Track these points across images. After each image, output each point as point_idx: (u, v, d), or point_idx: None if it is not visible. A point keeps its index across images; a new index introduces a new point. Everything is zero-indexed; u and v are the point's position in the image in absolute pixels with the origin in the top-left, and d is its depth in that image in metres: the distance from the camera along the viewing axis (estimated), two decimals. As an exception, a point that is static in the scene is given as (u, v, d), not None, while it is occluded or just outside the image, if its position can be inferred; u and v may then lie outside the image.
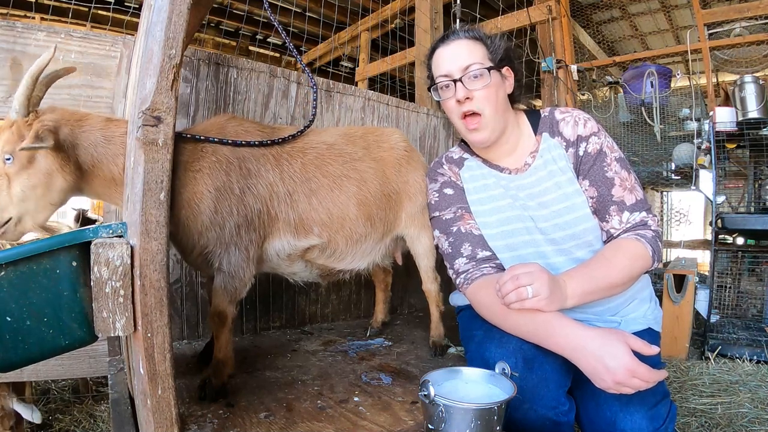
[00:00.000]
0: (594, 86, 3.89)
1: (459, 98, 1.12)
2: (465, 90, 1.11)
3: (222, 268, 1.14)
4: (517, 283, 0.90)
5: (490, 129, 1.13)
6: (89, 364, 1.49)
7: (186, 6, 0.83)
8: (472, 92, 1.11)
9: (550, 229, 1.12)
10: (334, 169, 1.33)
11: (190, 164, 1.10)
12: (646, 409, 0.96)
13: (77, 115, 1.08)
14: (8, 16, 3.46)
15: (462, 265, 1.15)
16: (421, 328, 1.82)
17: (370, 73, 4.54)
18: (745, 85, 3.00)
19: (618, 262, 1.01)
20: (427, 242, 1.51)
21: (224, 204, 1.12)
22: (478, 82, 1.11)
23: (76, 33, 1.43)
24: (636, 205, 1.10)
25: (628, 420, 0.96)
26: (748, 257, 3.33)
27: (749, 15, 3.28)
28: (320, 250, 1.32)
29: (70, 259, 0.81)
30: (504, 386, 0.86)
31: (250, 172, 1.18)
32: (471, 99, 1.11)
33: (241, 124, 1.26)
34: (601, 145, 1.13)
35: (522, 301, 0.90)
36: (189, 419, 0.98)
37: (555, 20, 3.39)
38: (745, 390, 2.23)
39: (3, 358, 0.79)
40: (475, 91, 1.11)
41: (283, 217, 1.24)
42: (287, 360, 1.41)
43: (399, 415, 1.02)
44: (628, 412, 0.96)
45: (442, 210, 1.23)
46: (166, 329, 0.82)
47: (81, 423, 1.96)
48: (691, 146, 3.28)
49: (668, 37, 5.27)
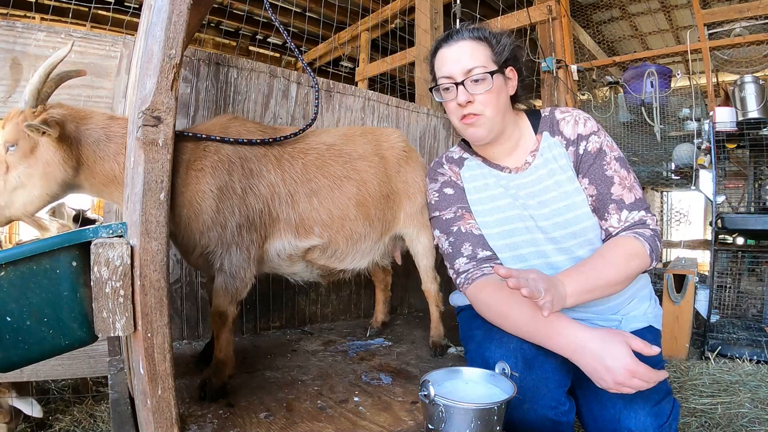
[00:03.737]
0: (594, 86, 3.88)
1: (460, 102, 1.11)
2: (467, 94, 1.10)
3: (223, 268, 1.14)
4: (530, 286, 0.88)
5: (488, 128, 1.13)
6: (89, 364, 1.49)
7: (186, 6, 0.83)
8: (474, 96, 1.10)
9: (551, 228, 1.12)
10: (335, 169, 1.33)
11: (193, 163, 1.10)
12: (650, 406, 0.97)
13: (83, 113, 1.10)
14: (8, 16, 3.45)
15: (462, 265, 1.15)
16: (421, 328, 1.82)
17: (370, 73, 4.54)
18: (745, 85, 3.00)
19: (616, 260, 1.01)
20: (427, 242, 1.51)
21: (226, 204, 1.12)
22: (480, 87, 1.10)
23: (76, 33, 1.43)
24: (635, 204, 1.10)
25: (632, 418, 0.96)
26: (748, 257, 3.33)
27: (749, 15, 3.29)
28: (321, 251, 1.32)
29: (70, 259, 0.81)
30: (504, 386, 0.87)
31: (252, 172, 1.19)
32: (472, 103, 1.11)
33: (243, 125, 1.26)
34: (600, 144, 1.14)
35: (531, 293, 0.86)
36: (189, 419, 0.98)
37: (555, 20, 3.38)
38: (745, 390, 2.23)
39: (3, 358, 0.79)
40: (477, 95, 1.10)
41: (284, 217, 1.24)
42: (287, 360, 1.41)
43: (399, 415, 1.02)
44: (632, 409, 0.96)
45: (443, 210, 1.23)
46: (166, 329, 0.82)
47: (81, 423, 1.96)
48: (691, 146, 3.28)
49: (668, 37, 5.27)
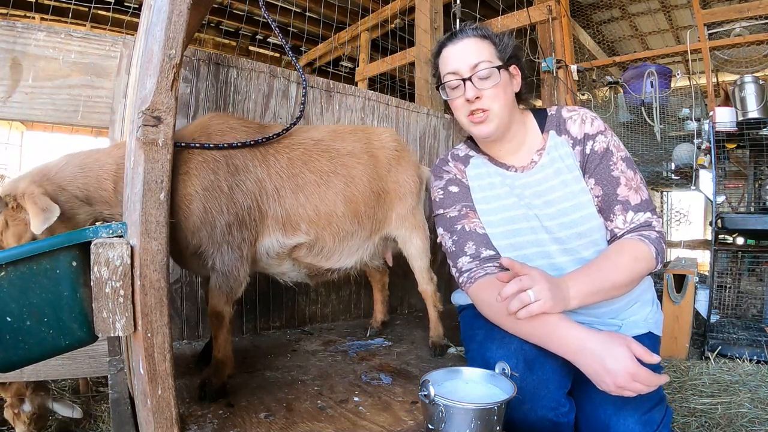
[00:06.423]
0: (594, 86, 3.89)
1: (469, 97, 1.10)
2: (474, 89, 1.10)
3: (216, 268, 1.13)
4: (520, 285, 0.89)
5: (496, 123, 1.12)
6: (89, 364, 1.49)
7: (186, 6, 0.83)
8: (482, 92, 1.10)
9: (556, 228, 1.11)
10: (321, 165, 1.32)
11: (177, 167, 1.09)
12: (640, 414, 0.96)
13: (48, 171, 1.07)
14: (8, 16, 3.45)
15: (465, 264, 1.14)
16: (421, 328, 1.82)
17: (370, 73, 4.54)
18: (745, 85, 3.00)
19: (621, 262, 1.01)
20: (420, 243, 1.50)
21: (213, 203, 1.11)
22: (488, 82, 1.10)
23: (76, 33, 1.43)
24: (641, 205, 1.09)
25: (621, 424, 0.96)
26: (748, 257, 3.33)
27: (749, 15, 3.29)
28: (308, 248, 1.31)
29: (70, 259, 0.81)
30: (504, 386, 0.86)
31: (238, 169, 1.17)
32: (480, 98, 1.11)
33: (226, 122, 1.24)
34: (607, 144, 1.13)
35: (527, 307, 0.88)
36: (189, 419, 0.98)
37: (555, 20, 3.39)
38: (745, 390, 2.22)
39: (3, 358, 0.79)
40: (485, 91, 1.10)
41: (272, 213, 1.23)
42: (287, 360, 1.41)
43: (399, 415, 1.02)
44: (621, 416, 0.96)
45: (447, 207, 1.22)
46: (166, 329, 0.82)
47: (81, 423, 1.96)
48: (691, 146, 3.28)
49: (668, 37, 5.27)
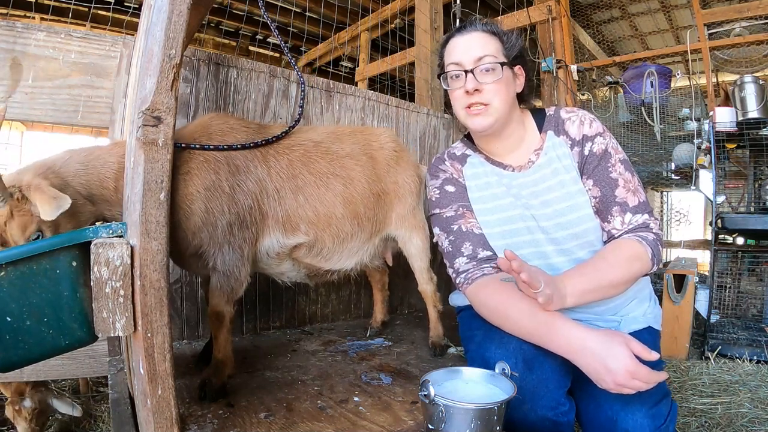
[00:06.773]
0: (594, 86, 3.88)
1: (468, 89, 1.10)
2: (475, 82, 1.09)
3: (217, 268, 1.13)
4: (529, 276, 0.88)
5: (494, 118, 1.11)
6: (89, 364, 1.49)
7: (186, 6, 0.83)
8: (483, 85, 1.09)
9: (552, 229, 1.11)
10: (321, 166, 1.32)
11: (179, 167, 1.09)
12: (647, 407, 0.96)
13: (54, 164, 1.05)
14: (8, 16, 3.45)
15: (462, 265, 1.14)
16: (421, 328, 1.82)
17: (370, 73, 4.54)
18: (745, 85, 3.00)
19: (617, 262, 1.01)
20: (420, 243, 1.50)
21: (215, 203, 1.12)
22: (490, 76, 1.09)
23: (76, 33, 1.43)
24: (638, 207, 1.09)
25: (629, 419, 0.96)
26: (748, 257, 3.33)
27: (749, 15, 3.29)
28: (307, 249, 1.31)
29: (70, 259, 0.81)
30: (504, 386, 0.86)
31: (239, 169, 1.18)
32: (480, 92, 1.10)
33: (226, 122, 1.24)
34: (606, 145, 1.13)
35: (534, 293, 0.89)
36: (189, 419, 0.98)
37: (555, 20, 3.39)
38: (745, 390, 2.22)
39: (3, 358, 0.79)
40: (485, 85, 1.09)
41: (272, 213, 1.23)
42: (287, 360, 1.41)
43: (399, 415, 1.02)
44: (629, 411, 0.96)
45: (443, 207, 1.21)
46: (166, 329, 0.82)
47: (81, 423, 1.96)
48: (691, 146, 3.28)
49: (668, 37, 5.27)
